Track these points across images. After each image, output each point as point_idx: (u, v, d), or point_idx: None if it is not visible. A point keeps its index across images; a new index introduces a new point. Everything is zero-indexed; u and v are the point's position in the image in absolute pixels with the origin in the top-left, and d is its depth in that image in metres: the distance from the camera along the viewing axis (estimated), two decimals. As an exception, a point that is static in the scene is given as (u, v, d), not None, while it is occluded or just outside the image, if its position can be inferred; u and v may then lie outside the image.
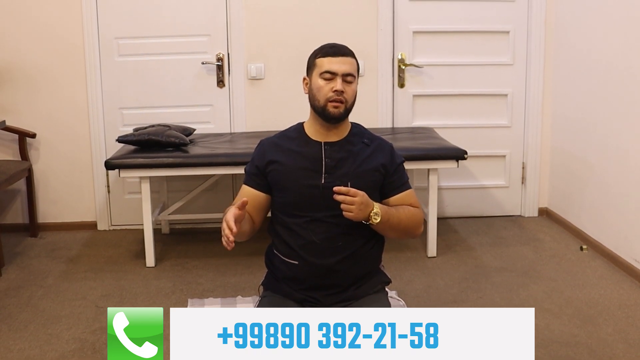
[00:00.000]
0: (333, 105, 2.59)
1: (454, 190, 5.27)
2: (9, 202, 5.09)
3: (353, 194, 2.47)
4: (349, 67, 2.60)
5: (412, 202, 2.74)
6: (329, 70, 2.58)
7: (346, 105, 2.61)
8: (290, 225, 2.66)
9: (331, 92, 2.58)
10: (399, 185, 2.73)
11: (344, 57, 2.61)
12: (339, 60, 2.60)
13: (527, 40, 5.09)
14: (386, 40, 5.01)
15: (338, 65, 2.59)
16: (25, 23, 4.84)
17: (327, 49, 2.63)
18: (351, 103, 2.64)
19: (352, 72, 2.61)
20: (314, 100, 2.63)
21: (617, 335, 3.30)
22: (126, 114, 5.01)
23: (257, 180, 2.71)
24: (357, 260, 2.69)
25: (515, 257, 4.42)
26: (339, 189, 2.47)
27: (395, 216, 2.63)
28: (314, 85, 2.63)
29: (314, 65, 2.64)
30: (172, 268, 4.30)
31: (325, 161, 2.65)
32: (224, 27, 4.95)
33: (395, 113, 5.12)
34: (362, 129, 2.79)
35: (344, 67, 2.59)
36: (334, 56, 2.60)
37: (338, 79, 2.58)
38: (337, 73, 2.58)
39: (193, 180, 4.85)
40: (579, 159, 4.74)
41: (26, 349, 3.22)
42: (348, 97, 2.61)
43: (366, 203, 2.52)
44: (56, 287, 4.01)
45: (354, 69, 2.63)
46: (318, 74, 2.61)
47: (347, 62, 2.61)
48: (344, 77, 2.59)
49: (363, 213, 2.52)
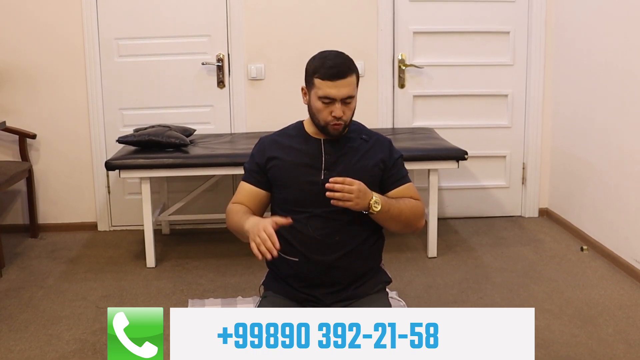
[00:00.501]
0: (333, 127, 2.58)
1: (454, 191, 5.27)
2: (10, 203, 5.09)
3: (349, 183, 2.47)
4: (348, 89, 2.55)
5: (412, 195, 2.74)
6: (327, 95, 2.54)
7: (345, 124, 2.61)
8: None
9: (330, 116, 2.57)
10: (398, 178, 2.73)
11: (344, 79, 2.54)
12: (338, 85, 2.54)
13: (528, 41, 5.09)
14: (386, 40, 5.01)
15: (337, 90, 2.53)
16: (26, 24, 4.85)
17: (327, 69, 2.54)
18: (350, 118, 2.63)
19: (351, 94, 2.56)
20: (314, 117, 2.63)
21: (618, 335, 3.30)
22: (126, 114, 5.01)
23: (257, 177, 2.71)
24: (357, 257, 2.69)
25: (516, 257, 4.41)
26: (334, 179, 2.45)
27: (395, 207, 2.62)
28: (312, 105, 2.60)
29: (312, 84, 2.58)
30: (173, 269, 4.30)
31: (324, 157, 2.66)
32: (224, 28, 4.95)
33: (396, 113, 5.12)
34: (361, 126, 2.79)
35: (343, 91, 2.54)
36: (333, 80, 2.53)
37: (337, 104, 2.55)
38: (335, 99, 2.55)
39: (193, 180, 4.85)
40: (580, 159, 4.74)
41: (27, 350, 3.22)
42: (347, 118, 2.60)
43: (364, 191, 2.50)
44: (56, 288, 4.01)
45: (353, 88, 2.57)
46: (316, 96, 2.57)
47: (346, 85, 2.54)
48: (343, 100, 2.57)
49: (363, 201, 2.51)
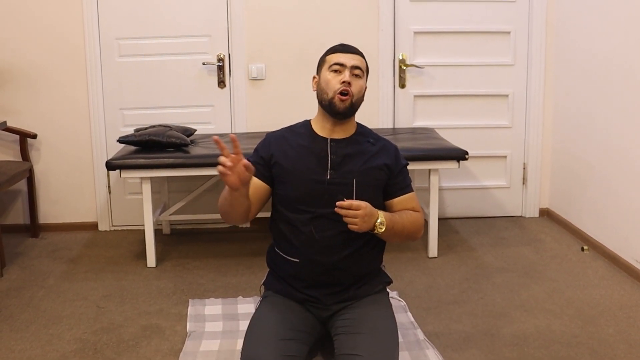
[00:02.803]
0: (340, 99, 2.62)
1: (454, 191, 5.27)
2: (10, 203, 5.09)
3: (356, 207, 2.49)
4: (358, 61, 2.68)
5: (414, 206, 2.77)
6: (337, 62, 2.66)
7: (352, 100, 2.64)
8: (292, 222, 2.67)
9: (339, 84, 2.63)
10: (402, 187, 2.75)
11: (354, 54, 2.69)
12: (348, 55, 2.68)
13: (528, 41, 5.09)
14: (387, 40, 5.01)
15: (347, 58, 2.66)
16: (26, 24, 4.85)
17: (338, 46, 2.72)
18: (357, 98, 2.67)
19: (360, 66, 2.69)
20: (322, 93, 2.67)
21: (619, 335, 3.30)
22: (127, 114, 5.01)
23: (260, 170, 2.71)
24: (359, 259, 2.70)
25: (516, 257, 4.41)
26: (340, 203, 2.48)
27: (399, 223, 2.65)
28: (322, 80, 2.68)
29: (323, 62, 2.74)
30: (173, 268, 4.30)
31: (331, 157, 2.67)
32: (225, 28, 4.95)
33: (396, 113, 5.12)
34: (368, 130, 2.82)
35: (352, 61, 2.67)
36: (344, 52, 2.68)
37: (346, 70, 2.65)
38: (345, 65, 2.65)
39: (194, 180, 4.86)
40: (580, 159, 4.74)
41: (27, 350, 3.22)
42: (355, 91, 2.65)
43: (370, 213, 2.53)
44: (57, 288, 4.00)
45: (363, 66, 2.70)
46: (327, 68, 2.70)
47: (356, 58, 2.68)
48: (352, 69, 2.66)
49: (368, 224, 2.53)
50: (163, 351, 3.18)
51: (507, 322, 3.46)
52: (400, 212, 2.72)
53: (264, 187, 2.73)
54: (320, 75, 2.71)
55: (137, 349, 3.21)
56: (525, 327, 3.39)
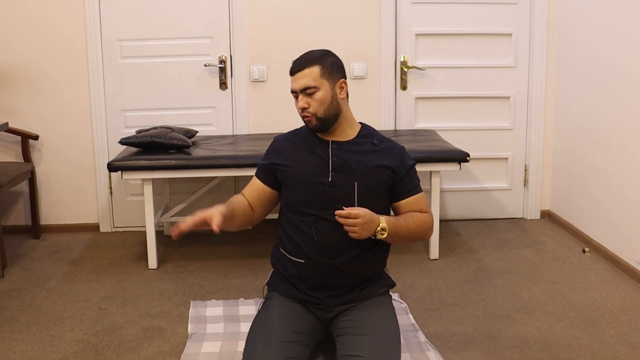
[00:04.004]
0: (305, 121, 2.68)
1: (456, 193, 5.27)
2: (12, 204, 5.09)
3: (355, 216, 2.50)
4: (306, 80, 2.64)
5: (422, 207, 2.77)
6: (291, 90, 2.69)
7: (316, 116, 2.66)
8: (297, 224, 2.69)
9: (299, 109, 2.66)
10: (409, 189, 2.76)
11: (300, 72, 2.65)
12: (296, 77, 2.66)
13: (530, 43, 5.09)
14: (388, 42, 5.01)
15: (296, 82, 2.67)
16: (28, 25, 4.85)
17: (291, 66, 2.70)
18: (322, 111, 2.67)
19: (309, 85, 2.64)
20: None
21: (620, 338, 3.30)
22: (129, 116, 5.01)
23: (266, 176, 2.79)
24: (363, 262, 2.70)
25: (518, 259, 4.41)
26: (339, 212, 2.50)
27: (404, 227, 2.65)
28: None
29: None
30: (175, 270, 4.30)
31: (332, 159, 2.68)
32: (227, 30, 4.95)
33: (398, 115, 5.12)
34: (373, 131, 2.82)
35: (300, 82, 2.65)
36: (292, 74, 2.68)
37: (299, 96, 2.68)
38: (296, 91, 2.67)
39: (195, 182, 4.86)
40: (582, 161, 4.74)
41: (29, 351, 3.22)
42: (314, 110, 2.67)
43: (370, 220, 2.54)
44: (58, 289, 4.01)
45: (312, 79, 2.64)
46: None
47: (303, 76, 2.65)
48: (303, 91, 2.64)
49: (368, 231, 2.55)
50: (164, 353, 3.18)
51: (508, 324, 3.46)
52: (405, 214, 2.72)
53: (270, 191, 2.77)
54: None
55: (139, 350, 3.21)
56: (527, 329, 3.39)
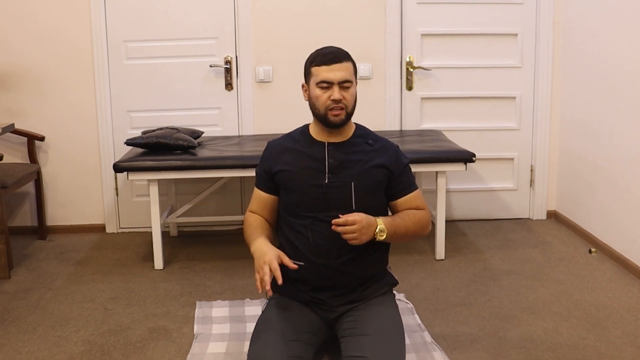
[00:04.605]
0: (333, 114, 2.61)
1: (462, 193, 5.27)
2: (18, 205, 5.10)
3: (352, 222, 2.50)
4: (345, 73, 2.59)
5: (419, 204, 2.76)
6: (325, 79, 2.58)
7: (347, 111, 2.63)
8: (295, 226, 2.69)
9: (329, 100, 2.59)
10: (406, 186, 2.75)
11: (339, 63, 2.59)
12: (334, 68, 2.58)
13: (536, 43, 5.08)
14: (394, 43, 5.01)
15: (333, 73, 2.58)
16: (34, 27, 4.86)
17: (321, 56, 2.62)
18: (352, 107, 2.65)
19: (348, 78, 2.60)
20: (314, 108, 2.66)
21: (626, 338, 3.29)
22: (134, 116, 5.02)
23: (266, 184, 2.78)
24: (362, 262, 2.70)
25: (524, 259, 4.40)
26: (336, 221, 2.50)
27: (402, 226, 2.65)
28: (312, 94, 2.64)
29: (310, 73, 2.64)
30: (180, 271, 4.31)
31: (328, 161, 2.67)
32: (232, 30, 4.96)
33: (403, 116, 5.12)
34: (367, 131, 2.81)
35: (339, 74, 2.58)
36: (329, 64, 2.59)
37: (335, 87, 2.58)
38: (333, 82, 2.58)
39: (201, 182, 4.86)
40: (588, 161, 4.73)
41: (35, 351, 3.23)
42: (348, 103, 2.62)
43: (367, 224, 2.54)
44: (65, 290, 4.01)
45: (350, 74, 2.62)
46: (315, 83, 2.61)
47: (342, 69, 2.59)
48: (341, 84, 2.59)
49: (367, 235, 2.56)
50: (170, 353, 3.18)
51: (514, 324, 3.45)
52: (402, 213, 2.72)
53: (274, 199, 2.78)
54: (309, 87, 2.66)
55: (145, 351, 3.22)
56: (533, 330, 3.38)
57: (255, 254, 2.57)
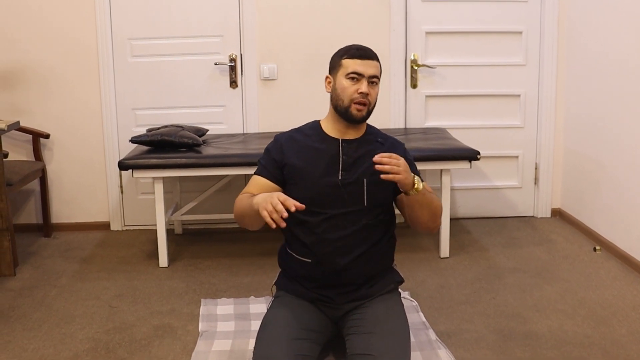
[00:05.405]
0: (357, 108, 2.62)
1: (466, 191, 5.26)
2: (23, 202, 5.12)
3: (396, 158, 2.45)
4: (375, 70, 2.65)
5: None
6: (355, 71, 2.62)
7: (369, 108, 2.66)
8: (304, 223, 2.68)
9: (356, 93, 2.61)
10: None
11: (371, 60, 2.65)
12: (366, 63, 2.63)
13: (540, 41, 5.07)
14: (399, 40, 5.01)
15: (365, 67, 2.62)
16: (39, 25, 4.87)
17: (354, 50, 2.66)
18: (373, 106, 2.68)
19: (377, 75, 2.67)
20: (338, 99, 2.66)
21: (631, 336, 3.29)
22: (139, 114, 5.03)
23: (272, 172, 2.72)
24: (369, 259, 2.70)
25: (528, 257, 4.40)
26: (382, 155, 2.43)
27: (428, 195, 2.62)
28: (338, 86, 2.65)
29: (339, 65, 2.67)
30: (185, 268, 4.31)
31: (342, 158, 2.68)
32: (237, 28, 4.96)
33: (408, 114, 5.12)
34: (376, 130, 2.83)
35: (370, 69, 2.63)
36: (362, 59, 2.63)
37: (364, 80, 2.62)
38: (364, 75, 2.62)
39: (206, 180, 4.87)
40: (592, 159, 4.73)
41: (40, 349, 3.23)
42: (372, 99, 2.65)
43: (407, 168, 2.50)
44: (70, 287, 4.02)
45: (379, 72, 2.68)
46: (344, 75, 2.64)
47: (373, 66, 2.65)
48: (370, 79, 2.62)
49: (408, 178, 2.49)
50: (175, 351, 3.19)
51: (519, 322, 3.45)
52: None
53: (275, 187, 2.74)
54: (335, 79, 2.68)
55: (150, 348, 3.22)
56: (538, 328, 3.38)
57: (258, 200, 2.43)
